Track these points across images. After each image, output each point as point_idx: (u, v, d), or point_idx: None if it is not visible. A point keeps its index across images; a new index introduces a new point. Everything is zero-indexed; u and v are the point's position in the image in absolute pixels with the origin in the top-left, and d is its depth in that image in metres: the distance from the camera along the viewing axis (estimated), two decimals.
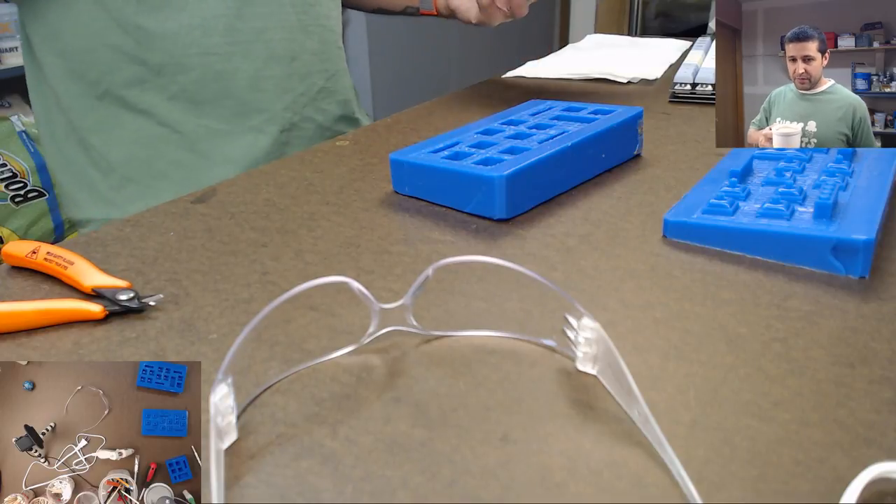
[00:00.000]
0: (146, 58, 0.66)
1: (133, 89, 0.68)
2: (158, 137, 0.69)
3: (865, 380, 0.28)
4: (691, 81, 0.72)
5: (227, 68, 0.69)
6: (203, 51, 0.67)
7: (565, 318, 0.29)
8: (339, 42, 0.80)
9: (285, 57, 0.73)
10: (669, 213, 0.41)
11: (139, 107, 0.68)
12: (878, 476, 0.22)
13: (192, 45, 0.67)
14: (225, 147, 0.71)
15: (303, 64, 0.75)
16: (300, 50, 0.74)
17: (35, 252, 0.38)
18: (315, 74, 0.76)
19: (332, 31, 0.78)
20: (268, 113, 0.73)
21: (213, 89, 0.69)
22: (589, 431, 0.26)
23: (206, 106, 0.70)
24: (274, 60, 0.72)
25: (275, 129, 0.73)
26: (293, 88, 0.74)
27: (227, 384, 0.25)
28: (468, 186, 0.44)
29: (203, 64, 0.68)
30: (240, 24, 0.68)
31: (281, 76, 0.73)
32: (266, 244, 0.42)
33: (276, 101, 0.73)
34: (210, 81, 0.69)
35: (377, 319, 0.31)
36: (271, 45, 0.71)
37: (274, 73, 0.72)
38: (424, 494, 0.24)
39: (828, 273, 0.36)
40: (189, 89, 0.68)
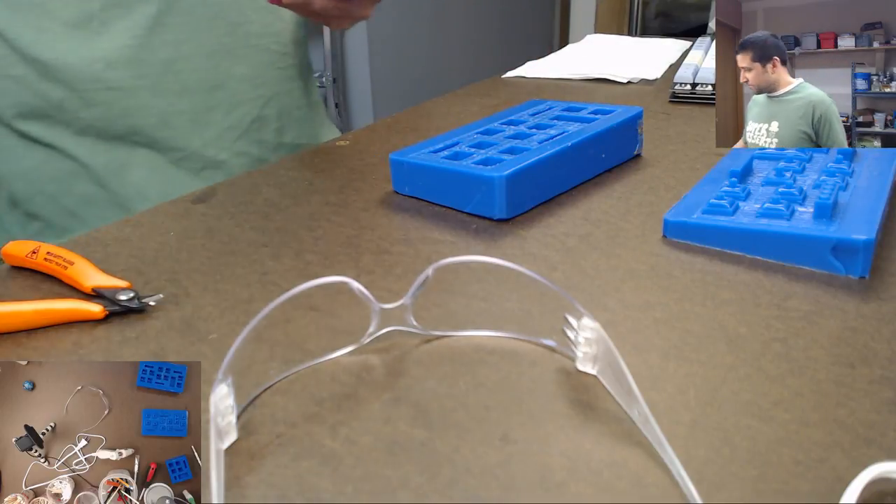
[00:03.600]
0: (47, 91, 0.59)
1: (37, 122, 0.61)
2: (66, 172, 0.62)
3: (865, 380, 0.28)
4: (691, 81, 0.72)
5: (134, 104, 0.61)
6: (106, 86, 0.60)
7: (565, 318, 0.29)
8: (281, 62, 0.70)
9: (202, 88, 0.64)
10: (669, 213, 0.41)
11: (44, 140, 0.61)
12: (878, 476, 0.22)
13: (95, 79, 0.59)
14: (139, 184, 0.64)
15: (229, 94, 0.66)
16: (225, 78, 0.65)
17: (35, 252, 0.38)
18: (247, 104, 0.67)
19: (269, 50, 0.69)
20: (182, 151, 0.65)
21: (121, 126, 0.62)
22: (589, 431, 0.26)
23: (115, 142, 0.62)
24: (188, 93, 0.63)
25: (195, 167, 0.65)
26: (215, 122, 0.65)
27: (227, 384, 0.25)
28: (468, 186, 0.44)
29: (107, 100, 0.60)
30: (146, 55, 0.61)
31: (198, 110, 0.64)
32: (266, 244, 0.42)
33: (191, 138, 0.65)
34: (116, 118, 0.61)
35: (377, 319, 0.31)
36: (183, 76, 0.63)
37: (188, 107, 0.64)
38: (424, 494, 0.24)
39: (828, 273, 0.36)
40: (96, 125, 0.61)
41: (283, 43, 0.70)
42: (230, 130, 0.67)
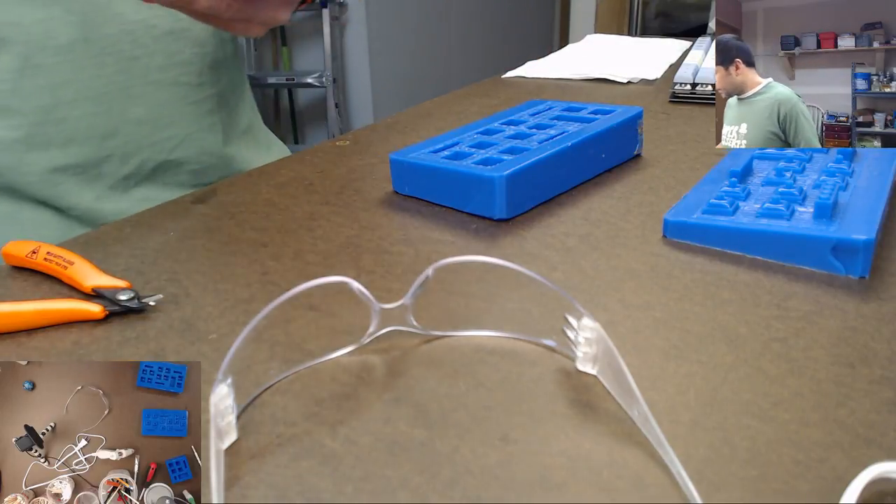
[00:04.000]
0: None
1: None
2: None
3: (865, 380, 0.28)
4: (691, 81, 0.72)
5: (9, 161, 0.53)
6: None
7: (565, 318, 0.29)
8: (195, 95, 0.60)
9: (94, 137, 0.54)
10: (669, 213, 0.41)
11: None
12: (878, 476, 0.22)
13: None
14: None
15: (124, 140, 0.56)
16: (119, 123, 0.55)
17: (35, 252, 0.38)
18: (147, 149, 0.58)
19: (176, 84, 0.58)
20: (73, 210, 0.56)
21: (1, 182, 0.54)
22: (589, 431, 0.26)
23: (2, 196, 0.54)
24: (73, 144, 0.54)
25: (92, 222, 0.57)
26: (108, 174, 0.56)
27: (227, 384, 0.25)
28: (468, 186, 0.44)
29: None
30: (17, 103, 0.51)
31: (87, 163, 0.55)
32: (266, 244, 0.42)
33: (81, 194, 0.56)
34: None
35: (377, 319, 0.31)
36: (66, 125, 0.53)
37: (74, 160, 0.54)
38: (424, 494, 0.24)
39: (828, 273, 0.36)
40: None
41: (196, 72, 0.60)
42: (126, 180, 0.58)
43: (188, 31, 0.58)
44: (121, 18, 0.54)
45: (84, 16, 0.52)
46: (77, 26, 0.52)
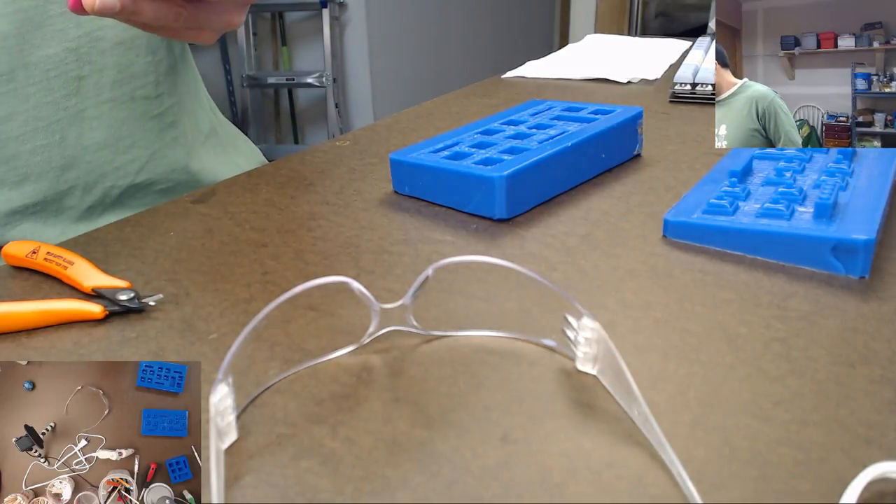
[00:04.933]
0: None
1: None
2: None
3: (865, 380, 0.28)
4: (691, 81, 0.72)
5: None
6: None
7: (565, 318, 0.29)
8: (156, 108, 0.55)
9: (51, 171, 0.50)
10: (669, 213, 0.41)
11: None
12: (878, 476, 0.22)
13: None
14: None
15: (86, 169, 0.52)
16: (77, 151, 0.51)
17: (35, 252, 0.38)
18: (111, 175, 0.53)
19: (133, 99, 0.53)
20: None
21: None
22: (589, 431, 0.26)
23: None
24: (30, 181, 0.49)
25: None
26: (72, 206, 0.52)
27: (227, 384, 0.25)
28: (468, 186, 0.44)
29: None
30: None
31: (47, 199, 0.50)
32: (266, 244, 0.42)
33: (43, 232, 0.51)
34: None
35: (377, 319, 0.31)
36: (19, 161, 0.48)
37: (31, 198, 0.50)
38: (424, 494, 0.24)
39: (828, 273, 0.36)
40: None
41: (153, 83, 0.55)
42: (91, 210, 0.53)
43: (138, 40, 0.53)
44: (61, 35, 0.49)
45: (20, 38, 0.47)
46: (13, 52, 0.47)
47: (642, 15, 3.16)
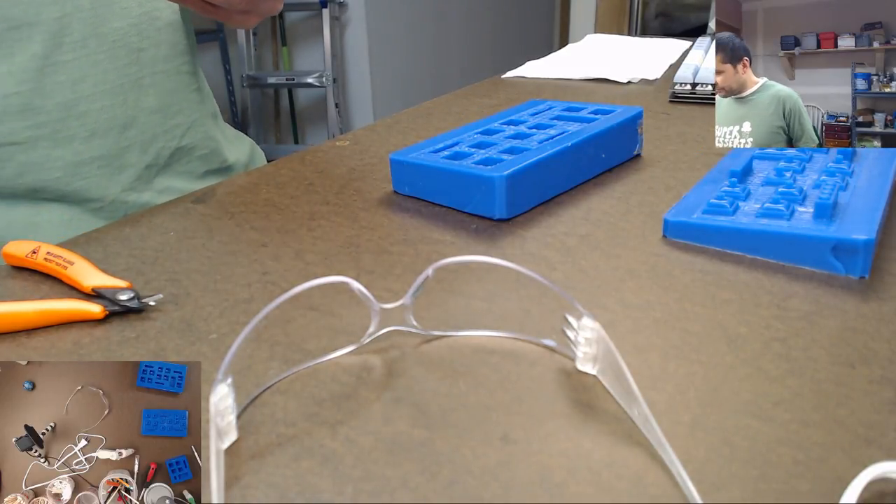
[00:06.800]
0: None
1: None
2: None
3: (865, 380, 0.28)
4: (691, 81, 0.72)
5: (34, 158, 0.53)
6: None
7: (565, 318, 0.29)
8: (194, 84, 0.64)
9: (112, 129, 0.56)
10: (669, 213, 0.41)
11: None
12: (878, 476, 0.22)
13: None
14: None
15: (141, 130, 0.59)
16: (135, 112, 0.58)
17: (35, 252, 0.38)
18: (161, 137, 0.60)
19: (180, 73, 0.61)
20: (98, 202, 0.57)
21: (22, 184, 0.54)
22: (589, 431, 0.26)
23: (17, 201, 0.55)
24: (96, 137, 0.55)
25: (115, 214, 0.59)
26: (130, 164, 0.58)
27: (227, 384, 0.25)
28: (468, 186, 0.44)
29: (2, 156, 0.52)
30: (41, 101, 0.52)
31: (110, 154, 0.57)
32: (266, 244, 0.42)
33: (107, 186, 0.57)
34: (14, 177, 0.53)
35: (377, 319, 0.31)
36: (88, 118, 0.55)
37: (98, 152, 0.56)
38: (424, 494, 0.24)
39: (828, 273, 0.36)
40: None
41: (191, 62, 0.63)
42: (149, 169, 0.60)
43: (184, 23, 0.62)
44: (127, 12, 0.56)
45: (94, 11, 0.54)
46: (89, 22, 0.54)
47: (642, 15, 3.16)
